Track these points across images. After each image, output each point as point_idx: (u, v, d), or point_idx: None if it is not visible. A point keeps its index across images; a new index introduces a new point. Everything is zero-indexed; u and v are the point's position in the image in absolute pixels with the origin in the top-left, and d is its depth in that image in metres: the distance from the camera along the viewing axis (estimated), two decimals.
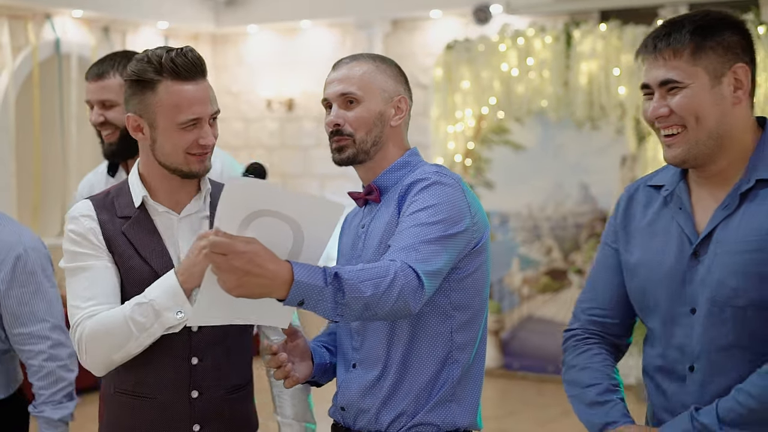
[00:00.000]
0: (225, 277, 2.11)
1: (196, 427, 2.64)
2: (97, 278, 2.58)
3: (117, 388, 2.68)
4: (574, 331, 2.56)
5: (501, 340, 8.65)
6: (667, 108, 2.30)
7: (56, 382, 3.18)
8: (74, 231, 2.63)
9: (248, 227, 2.16)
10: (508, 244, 8.54)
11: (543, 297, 8.55)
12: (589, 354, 2.50)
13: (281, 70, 9.94)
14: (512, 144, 8.57)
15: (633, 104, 7.85)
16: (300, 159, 9.97)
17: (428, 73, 8.75)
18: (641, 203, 2.46)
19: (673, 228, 2.35)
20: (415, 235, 2.38)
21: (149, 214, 2.67)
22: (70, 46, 8.86)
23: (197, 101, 2.56)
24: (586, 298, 2.57)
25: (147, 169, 2.68)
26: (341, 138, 2.61)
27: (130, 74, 2.59)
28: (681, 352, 2.32)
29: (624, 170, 8.15)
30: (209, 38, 10.29)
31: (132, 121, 2.63)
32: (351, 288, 2.21)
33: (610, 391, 2.43)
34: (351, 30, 9.64)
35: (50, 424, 3.18)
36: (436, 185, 2.48)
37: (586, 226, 8.35)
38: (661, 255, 2.36)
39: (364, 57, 2.67)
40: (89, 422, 7.33)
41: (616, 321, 2.51)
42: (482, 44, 8.44)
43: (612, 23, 7.97)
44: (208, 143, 2.60)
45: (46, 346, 3.16)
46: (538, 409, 7.64)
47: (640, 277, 2.40)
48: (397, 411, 2.50)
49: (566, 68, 8.15)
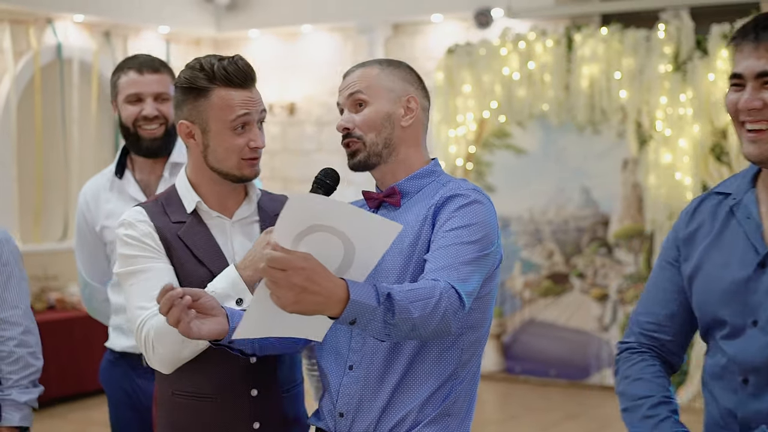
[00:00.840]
0: (281, 293, 2.09)
1: (256, 425, 2.68)
2: (161, 278, 2.61)
3: (175, 391, 2.71)
4: (629, 343, 2.51)
5: (503, 344, 8.64)
6: (761, 101, 2.20)
7: (25, 368, 3.27)
8: (131, 236, 2.67)
9: (301, 241, 2.15)
10: (509, 248, 8.54)
11: (545, 301, 8.54)
12: (643, 365, 2.45)
13: (283, 74, 9.95)
14: (513, 148, 8.57)
15: (634, 108, 7.85)
16: (302, 163, 9.97)
17: (429, 77, 8.75)
18: (707, 214, 2.39)
19: (740, 238, 2.29)
20: (456, 255, 2.38)
21: (202, 219, 2.72)
22: (71, 51, 8.87)
23: (248, 103, 2.66)
24: (641, 312, 2.51)
25: (196, 175, 2.73)
26: (352, 141, 2.60)
27: (182, 81, 2.67)
28: (737, 364, 2.26)
29: (625, 174, 8.15)
30: (211, 43, 10.30)
31: (184, 128, 2.69)
32: (401, 309, 2.21)
33: (662, 404, 2.38)
34: (352, 34, 9.64)
35: (16, 407, 3.25)
36: (476, 204, 2.48)
37: (588, 229, 8.34)
38: (725, 266, 2.30)
39: (372, 61, 2.67)
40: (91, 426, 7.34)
41: (670, 338, 2.46)
42: (483, 48, 8.45)
43: (613, 27, 7.97)
44: (258, 145, 2.67)
45: (17, 332, 3.26)
46: (539, 414, 7.63)
47: (703, 288, 2.34)
48: (396, 419, 2.49)
49: (567, 72, 8.15)
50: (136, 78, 3.58)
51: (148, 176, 3.68)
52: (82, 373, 7.69)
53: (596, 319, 8.31)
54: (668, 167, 7.69)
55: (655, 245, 7.94)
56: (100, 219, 3.69)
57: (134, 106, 3.58)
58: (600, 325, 8.28)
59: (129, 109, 3.59)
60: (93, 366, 7.44)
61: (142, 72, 3.57)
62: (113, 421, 3.75)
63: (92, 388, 7.76)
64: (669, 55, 7.69)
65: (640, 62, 7.81)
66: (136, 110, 3.58)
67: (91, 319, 4.14)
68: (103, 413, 7.22)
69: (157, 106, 3.56)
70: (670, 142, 7.66)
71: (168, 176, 3.65)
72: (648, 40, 7.80)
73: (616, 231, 8.20)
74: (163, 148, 3.61)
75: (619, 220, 8.20)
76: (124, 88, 3.60)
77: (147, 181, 3.68)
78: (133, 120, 3.58)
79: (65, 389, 7.70)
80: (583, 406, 7.80)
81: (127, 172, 3.69)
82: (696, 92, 7.52)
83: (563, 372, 8.42)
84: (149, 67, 3.57)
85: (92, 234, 3.73)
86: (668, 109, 7.66)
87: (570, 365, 8.39)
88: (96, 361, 7.41)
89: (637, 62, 7.82)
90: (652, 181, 7.78)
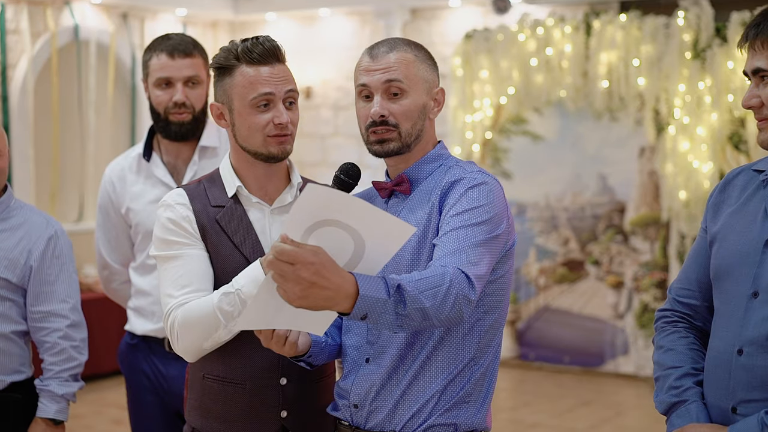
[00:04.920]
0: (289, 287, 2.07)
1: (283, 413, 2.69)
2: (192, 266, 2.62)
3: (207, 374, 2.72)
4: (664, 312, 2.57)
5: (517, 331, 8.64)
6: (758, 99, 2.29)
7: (67, 360, 3.29)
8: (170, 218, 2.68)
9: (312, 234, 2.13)
10: (525, 235, 8.52)
11: (560, 288, 8.53)
12: (676, 336, 2.50)
13: (299, 58, 9.93)
14: (530, 134, 8.54)
15: (652, 95, 7.81)
16: (317, 147, 9.96)
17: (447, 63, 8.72)
18: (739, 186, 2.44)
19: (761, 212, 2.33)
20: (463, 238, 2.36)
21: (242, 204, 2.71)
22: (89, 33, 8.87)
23: (268, 80, 2.63)
24: (678, 279, 2.56)
25: (235, 158, 2.74)
26: (387, 129, 2.52)
27: (213, 63, 2.69)
28: (734, 334, 2.30)
29: (642, 161, 8.12)
30: (227, 26, 10.29)
31: (215, 109, 2.71)
32: (412, 299, 2.19)
33: (689, 375, 2.42)
34: (370, 18, 9.61)
35: (52, 399, 3.27)
36: (482, 186, 2.45)
37: (604, 217, 8.32)
38: (741, 237, 2.34)
39: (402, 44, 2.58)
40: (107, 407, 7.37)
41: (702, 303, 2.50)
42: (501, 34, 8.41)
43: (632, 13, 7.92)
44: (282, 121, 2.64)
45: (63, 324, 3.28)
46: (553, 400, 7.62)
47: (719, 256, 2.38)
48: (414, 409, 2.47)
49: (585, 58, 8.11)
50: (166, 62, 3.54)
51: (175, 159, 3.67)
52: (97, 355, 7.70)
53: (611, 306, 8.29)
54: (686, 155, 7.65)
55: (672, 233, 7.91)
56: (126, 201, 3.68)
57: (164, 92, 3.56)
58: (615, 312, 8.27)
59: (159, 94, 3.57)
60: (109, 348, 7.47)
61: (173, 56, 3.54)
62: (132, 405, 3.74)
63: (108, 370, 7.79)
64: (688, 42, 7.64)
65: (658, 49, 7.76)
66: (166, 97, 3.55)
67: (107, 301, 4.15)
68: (118, 395, 7.26)
69: (186, 91, 3.54)
70: (688, 129, 7.62)
71: (198, 159, 3.64)
72: (667, 27, 7.75)
73: (633, 218, 8.17)
74: (191, 132, 3.61)
75: (636, 208, 8.17)
76: (155, 70, 3.57)
77: (174, 164, 3.67)
78: (164, 107, 3.57)
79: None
80: (597, 393, 7.79)
81: (154, 155, 3.67)
82: (715, 80, 7.47)
83: (577, 359, 8.41)
84: (181, 51, 3.54)
85: (117, 215, 3.72)
86: (686, 97, 7.62)
87: (584, 352, 8.38)
88: (112, 342, 7.45)
89: (655, 49, 7.77)
90: (670, 169, 7.74)
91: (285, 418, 2.69)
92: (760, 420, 2.19)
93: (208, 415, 2.72)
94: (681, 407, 2.38)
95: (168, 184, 3.61)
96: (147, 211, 3.61)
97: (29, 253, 3.25)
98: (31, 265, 3.25)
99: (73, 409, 7.25)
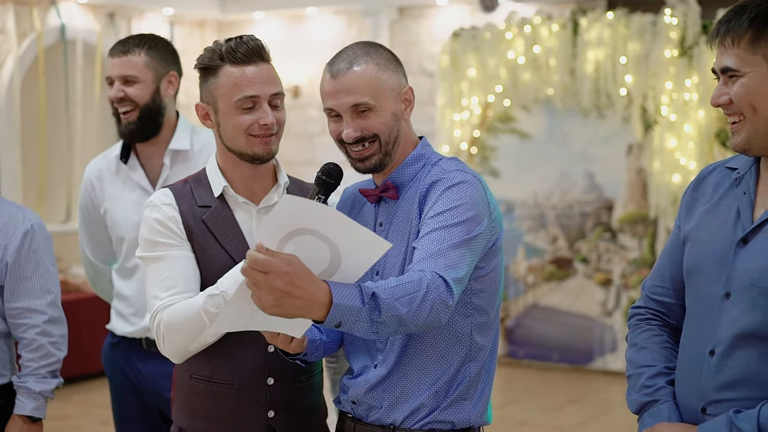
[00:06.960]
0: (262, 296, 2.08)
1: (270, 413, 2.68)
2: (178, 268, 2.62)
3: (194, 375, 2.71)
4: (638, 309, 2.54)
5: (506, 328, 8.64)
6: (727, 96, 2.27)
7: (45, 357, 3.24)
8: (156, 219, 2.67)
9: (289, 242, 2.13)
10: (513, 233, 8.53)
11: (548, 285, 8.54)
12: (649, 334, 2.48)
13: (287, 57, 9.91)
14: (518, 132, 8.55)
15: (640, 93, 7.83)
16: (305, 146, 9.95)
17: (434, 61, 8.72)
18: (712, 184, 2.42)
19: (733, 211, 2.31)
20: (441, 240, 2.35)
21: (228, 205, 2.71)
22: (75, 32, 8.85)
23: (253, 81, 2.63)
24: (651, 276, 2.54)
25: (222, 158, 2.74)
26: (365, 147, 2.51)
27: (199, 63, 2.68)
28: (705, 334, 2.28)
29: (630, 159, 8.13)
30: (215, 25, 10.27)
31: (200, 110, 2.71)
32: (387, 306, 2.19)
33: (662, 375, 2.41)
34: (357, 17, 9.61)
35: (30, 395, 3.22)
36: (461, 185, 2.43)
37: (592, 214, 8.33)
38: (713, 236, 2.32)
39: (361, 55, 2.53)
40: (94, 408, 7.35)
41: (676, 302, 2.47)
42: (489, 32, 8.42)
43: (619, 11, 7.94)
44: (267, 122, 2.63)
45: (41, 320, 3.23)
46: (542, 398, 7.63)
47: (692, 255, 2.36)
48: (412, 407, 2.48)
49: (573, 56, 8.13)
50: (109, 61, 3.62)
51: (150, 162, 3.67)
52: (85, 355, 7.69)
53: (600, 304, 8.30)
54: (673, 152, 7.67)
55: (659, 230, 7.93)
56: (104, 201, 3.69)
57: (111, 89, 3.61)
58: (603, 310, 8.28)
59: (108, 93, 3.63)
60: (96, 348, 7.42)
61: (112, 55, 3.59)
62: (114, 404, 3.76)
63: (95, 370, 7.77)
64: (675, 40, 7.66)
65: (645, 47, 7.78)
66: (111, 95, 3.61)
67: (95, 301, 4.14)
68: (106, 395, 7.22)
69: (122, 88, 3.56)
70: (676, 127, 7.64)
71: (169, 163, 3.62)
72: (654, 24, 7.77)
73: (621, 216, 8.19)
74: (137, 132, 3.59)
75: (624, 205, 8.19)
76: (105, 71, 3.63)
77: (151, 167, 3.67)
78: (113, 106, 3.61)
79: (68, 371, 7.60)
80: (586, 390, 7.81)
81: (132, 158, 3.67)
82: (702, 77, 7.49)
83: (566, 357, 8.42)
84: (118, 51, 3.58)
85: (97, 214, 3.72)
86: (674, 95, 7.64)
87: (573, 350, 8.39)
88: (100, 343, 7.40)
89: (642, 47, 7.79)
90: (657, 166, 7.76)
91: (272, 418, 2.68)
92: (728, 420, 2.18)
93: (195, 416, 2.71)
94: (653, 407, 2.37)
95: (145, 187, 3.62)
96: (123, 215, 3.62)
97: (5, 249, 3.20)
98: (7, 261, 3.20)
99: (62, 409, 7.24)
